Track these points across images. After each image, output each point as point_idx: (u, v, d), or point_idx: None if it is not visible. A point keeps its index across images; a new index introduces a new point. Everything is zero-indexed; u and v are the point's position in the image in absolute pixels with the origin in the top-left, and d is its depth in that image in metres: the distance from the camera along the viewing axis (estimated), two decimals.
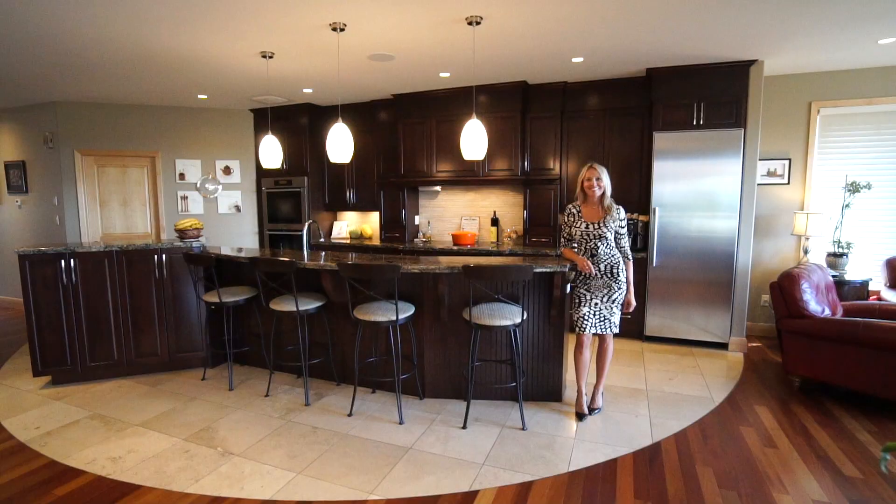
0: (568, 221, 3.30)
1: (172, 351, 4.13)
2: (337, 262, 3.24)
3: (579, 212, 3.26)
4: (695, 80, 4.53)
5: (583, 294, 3.21)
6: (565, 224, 3.33)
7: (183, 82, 5.10)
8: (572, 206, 3.30)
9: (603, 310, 3.18)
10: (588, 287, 3.20)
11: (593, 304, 3.18)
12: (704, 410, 3.38)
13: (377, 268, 3.03)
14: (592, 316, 3.18)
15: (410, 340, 3.53)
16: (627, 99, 5.03)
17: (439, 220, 6.25)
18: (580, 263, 3.15)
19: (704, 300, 4.66)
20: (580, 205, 3.28)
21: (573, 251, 3.30)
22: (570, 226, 3.29)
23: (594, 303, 3.18)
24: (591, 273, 3.13)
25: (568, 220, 3.30)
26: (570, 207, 3.30)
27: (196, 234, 4.23)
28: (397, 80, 5.08)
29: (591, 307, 3.18)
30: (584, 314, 3.18)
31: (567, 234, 3.33)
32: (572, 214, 3.28)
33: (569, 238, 3.34)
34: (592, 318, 3.18)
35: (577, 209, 3.27)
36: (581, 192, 3.26)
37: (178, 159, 6.37)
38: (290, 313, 3.44)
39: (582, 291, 3.22)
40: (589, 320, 3.17)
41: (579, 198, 3.28)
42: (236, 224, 6.71)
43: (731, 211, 4.49)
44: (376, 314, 3.15)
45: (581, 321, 3.18)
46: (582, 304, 3.20)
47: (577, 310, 3.21)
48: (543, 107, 5.28)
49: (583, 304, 3.20)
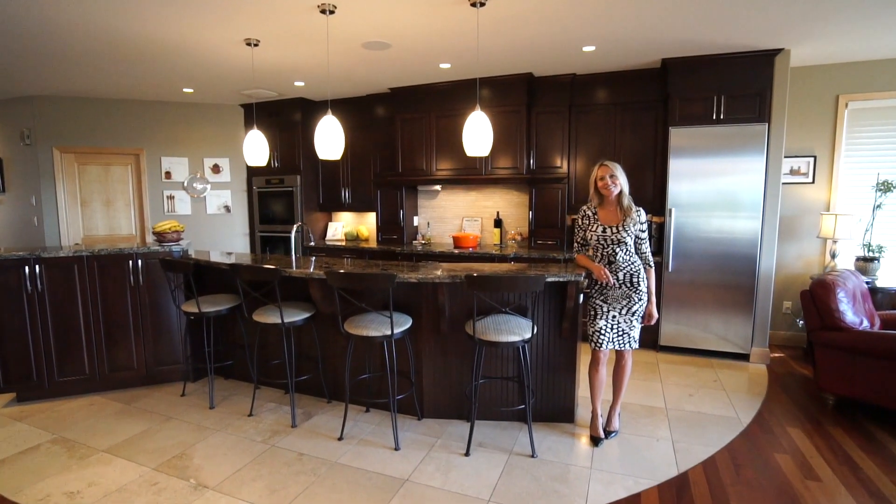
0: (582, 224, 2.98)
1: (150, 364, 3.81)
2: (326, 270, 2.91)
3: (595, 214, 2.94)
4: (715, 70, 4.20)
5: (599, 305, 2.89)
6: (579, 227, 3.01)
7: (166, 74, 4.78)
8: (587, 208, 2.98)
9: (621, 323, 2.86)
10: (605, 298, 2.88)
11: (611, 316, 2.86)
12: (732, 433, 3.05)
13: (370, 277, 2.71)
14: (610, 330, 2.86)
15: (407, 355, 3.20)
16: (640, 92, 4.70)
17: (439, 221, 5.93)
18: (596, 272, 2.83)
19: (724, 307, 4.34)
20: (595, 206, 2.96)
21: (588, 257, 2.98)
22: (584, 229, 2.97)
23: (612, 315, 2.86)
24: (610, 282, 2.81)
25: (582, 222, 2.98)
26: (585, 209, 2.98)
27: (176, 237, 3.91)
28: (394, 71, 4.75)
29: (609, 320, 2.86)
30: (600, 328, 2.86)
31: (581, 238, 3.01)
32: (587, 217, 2.96)
33: (583, 243, 3.02)
34: (610, 333, 2.86)
35: (592, 211, 2.95)
36: (595, 193, 2.94)
37: (164, 157, 6.04)
38: (276, 326, 3.12)
39: (598, 302, 2.90)
40: (606, 335, 2.85)
41: (594, 199, 2.96)
42: (226, 225, 6.39)
43: (753, 211, 4.17)
44: (369, 328, 2.83)
45: (597, 336, 2.86)
46: (598, 316, 2.88)
47: (593, 323, 2.89)
48: (550, 101, 4.96)
49: (599, 317, 2.87)
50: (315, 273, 2.95)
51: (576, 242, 3.06)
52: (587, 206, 2.99)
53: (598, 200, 2.94)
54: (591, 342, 2.91)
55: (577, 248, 3.05)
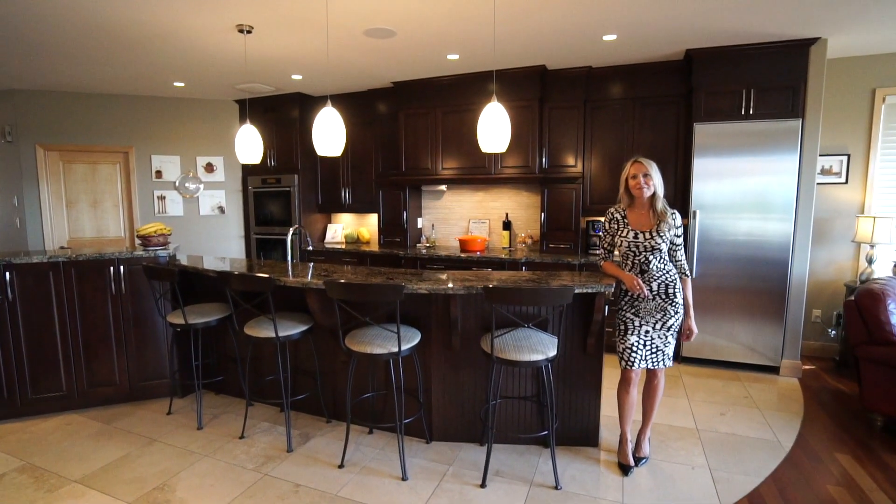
0: (610, 229, 2.68)
1: (134, 380, 3.50)
2: (325, 279, 2.61)
3: (624, 217, 2.64)
4: (743, 62, 3.90)
5: (629, 319, 2.59)
6: (606, 232, 2.71)
7: (155, 66, 4.47)
8: (615, 211, 2.68)
9: (655, 339, 2.56)
10: (636, 311, 2.58)
11: (643, 332, 2.56)
12: (774, 460, 2.76)
13: (374, 288, 2.41)
14: (642, 347, 2.56)
15: (415, 371, 2.90)
16: (661, 86, 4.40)
17: (444, 222, 5.62)
18: (628, 282, 2.53)
19: (752, 316, 4.05)
20: (625, 209, 2.66)
21: (616, 266, 2.68)
22: (612, 234, 2.67)
23: (644, 331, 2.56)
24: (644, 294, 2.51)
25: (610, 227, 2.68)
26: (613, 212, 2.68)
27: (162, 240, 3.60)
28: (398, 64, 4.45)
29: (641, 336, 2.56)
30: (631, 345, 2.56)
31: (608, 243, 2.71)
32: (616, 220, 2.66)
33: (610, 249, 2.72)
34: (642, 350, 2.56)
35: (621, 214, 2.65)
36: (625, 194, 2.64)
37: (155, 155, 5.73)
38: (270, 340, 2.82)
39: (628, 316, 2.60)
40: (638, 352, 2.55)
41: (623, 200, 2.66)
42: (220, 227, 6.08)
43: (784, 213, 3.87)
44: (373, 344, 2.53)
45: (628, 353, 2.56)
46: (629, 331, 2.58)
47: (623, 339, 2.59)
48: (564, 95, 4.66)
49: (630, 332, 2.57)
50: (313, 283, 2.65)
51: (602, 248, 2.76)
52: (615, 208, 2.70)
53: (629, 201, 2.64)
54: (620, 360, 2.61)
55: (604, 255, 2.75)
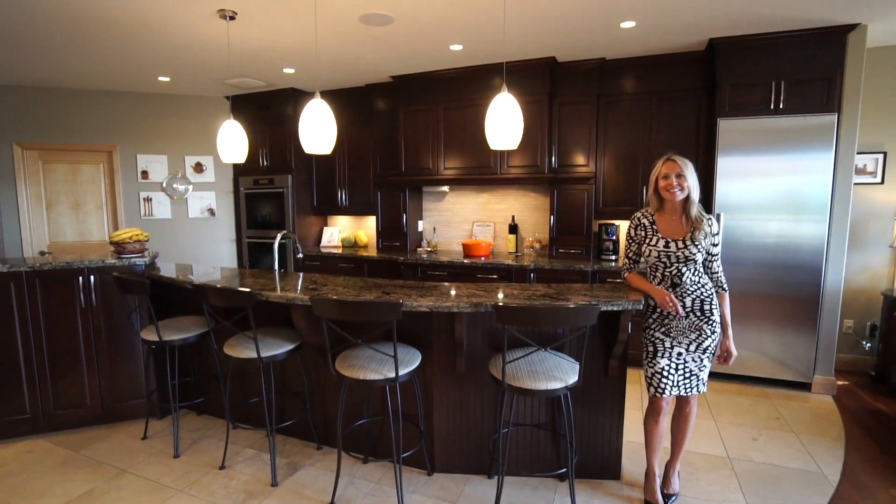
0: (636, 236, 2.36)
1: (107, 400, 3.19)
2: (312, 295, 2.30)
3: (653, 223, 2.32)
4: (773, 52, 3.58)
5: (659, 340, 2.27)
6: (632, 239, 2.39)
7: (137, 59, 4.17)
8: (642, 216, 2.36)
9: (689, 362, 2.24)
10: (667, 330, 2.26)
11: (675, 354, 2.24)
12: (822, 496, 2.44)
13: (367, 307, 2.09)
14: (674, 372, 2.24)
15: (415, 395, 2.59)
16: (680, 79, 4.08)
17: (446, 225, 5.31)
18: (659, 298, 2.21)
19: (781, 327, 3.73)
20: (654, 213, 2.34)
21: (643, 278, 2.36)
22: (639, 242, 2.35)
23: (676, 353, 2.24)
24: (678, 312, 2.19)
25: (637, 233, 2.36)
26: (640, 217, 2.37)
27: (139, 247, 3.29)
28: (397, 55, 4.14)
29: (673, 359, 2.24)
30: (662, 369, 2.24)
31: (634, 253, 2.40)
32: (643, 227, 2.34)
33: (635, 259, 2.40)
34: (674, 375, 2.24)
35: (649, 219, 2.34)
36: (655, 196, 2.32)
37: (141, 154, 5.42)
38: (251, 361, 2.51)
39: (658, 336, 2.28)
40: (669, 377, 2.24)
41: (652, 203, 2.35)
42: (210, 230, 5.77)
43: (818, 215, 3.55)
44: (367, 368, 2.22)
45: (658, 379, 2.24)
46: (658, 353, 2.26)
47: (652, 362, 2.27)
48: (575, 89, 4.34)
49: (660, 355, 2.26)
50: (298, 298, 2.33)
51: (626, 258, 2.44)
52: (642, 212, 2.38)
53: (658, 205, 2.32)
54: (649, 387, 2.29)
55: (629, 265, 2.43)
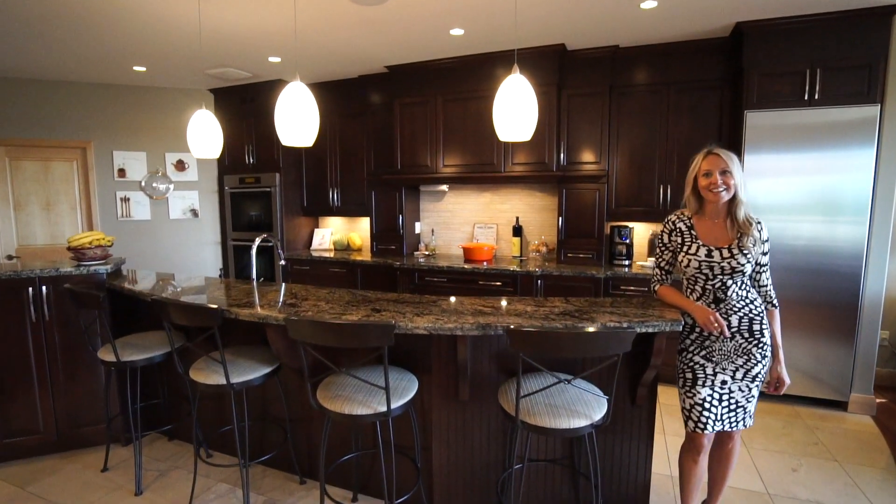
0: (671, 243, 2.02)
1: (63, 426, 2.83)
2: (288, 313, 1.94)
3: (691, 228, 1.97)
4: (807, 36, 3.24)
5: (699, 365, 1.93)
6: (665, 247, 2.05)
7: (108, 45, 3.80)
8: (678, 219, 2.02)
9: (735, 392, 1.90)
10: (709, 353, 1.92)
11: (719, 382, 1.90)
12: None
13: (353, 330, 1.74)
14: (718, 403, 1.90)
15: (411, 424, 2.24)
16: (701, 69, 3.74)
17: (446, 227, 4.96)
18: (701, 317, 1.86)
19: (815, 338, 3.39)
20: (691, 216, 2.00)
21: (679, 292, 2.02)
22: (673, 249, 2.01)
23: (720, 381, 1.90)
24: (725, 334, 1.84)
25: (671, 240, 2.02)
26: (675, 221, 2.03)
27: (100, 253, 2.93)
28: (393, 42, 3.78)
29: (716, 388, 1.90)
30: (703, 400, 1.90)
31: (666, 262, 2.05)
32: (679, 232, 2.00)
33: (668, 269, 2.06)
34: (718, 407, 1.90)
35: (687, 223, 1.99)
36: (693, 196, 1.98)
37: (117, 151, 5.05)
38: (220, 387, 2.15)
39: (697, 360, 1.94)
40: (712, 410, 1.89)
41: (690, 204, 2.00)
42: (193, 232, 5.40)
43: (857, 216, 3.22)
44: (354, 400, 1.86)
45: (699, 412, 1.90)
46: (699, 381, 1.92)
47: (691, 392, 1.93)
48: (586, 80, 4.00)
49: (700, 383, 1.91)
50: (272, 317, 1.97)
51: (657, 268, 2.10)
52: (677, 215, 2.04)
53: (697, 207, 1.98)
54: (687, 420, 1.95)
55: (660, 277, 2.09)
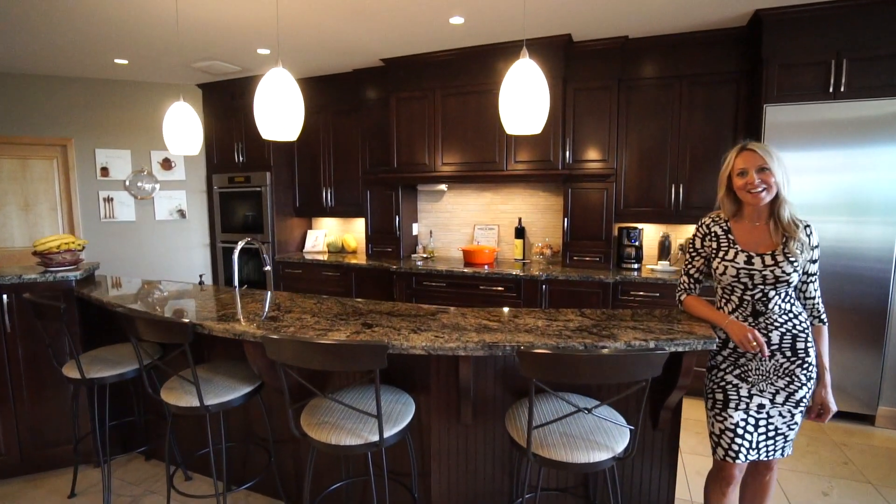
0: (704, 249, 1.80)
1: (27, 447, 2.59)
2: (267, 330, 1.72)
3: (728, 231, 1.75)
4: (832, 24, 3.03)
5: (732, 386, 1.71)
6: (696, 253, 1.83)
7: (85, 35, 3.56)
8: (713, 222, 1.80)
9: (775, 418, 1.67)
10: (744, 373, 1.70)
11: (755, 406, 1.68)
12: None
13: (338, 352, 1.51)
14: (754, 430, 1.67)
15: (407, 449, 2.01)
16: (715, 61, 3.53)
17: (445, 229, 4.73)
18: (737, 334, 1.64)
19: (839, 347, 3.17)
20: (728, 218, 1.77)
21: (709, 305, 1.79)
22: (705, 256, 1.80)
23: (757, 405, 1.68)
24: (765, 354, 1.62)
25: (705, 245, 1.80)
26: (710, 224, 1.80)
27: (70, 258, 2.70)
28: (388, 32, 3.56)
29: (751, 412, 1.68)
30: (735, 425, 1.67)
31: (697, 270, 1.83)
32: (714, 237, 1.77)
33: (697, 278, 1.84)
34: (753, 434, 1.67)
35: (723, 227, 1.77)
36: (728, 197, 1.75)
37: (100, 149, 4.82)
38: (194, 410, 1.92)
39: (730, 380, 1.72)
40: (746, 437, 1.67)
41: (725, 206, 1.78)
42: (181, 234, 5.17)
43: (887, 216, 3.01)
44: (342, 428, 1.63)
45: (730, 439, 1.68)
46: (731, 404, 1.69)
47: (722, 415, 1.71)
48: (593, 73, 3.77)
49: (733, 406, 1.69)
50: (249, 333, 1.74)
51: (685, 275, 1.88)
52: (712, 217, 1.81)
53: (733, 209, 1.76)
54: (716, 448, 1.72)
55: (688, 286, 1.87)
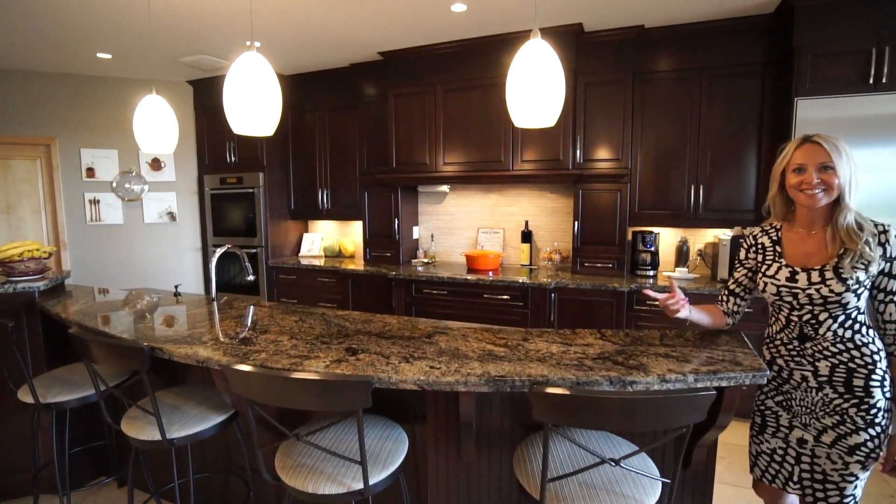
0: (747, 260, 1.57)
1: None
2: (233, 357, 1.47)
3: (776, 242, 1.50)
4: (872, 8, 2.75)
5: (771, 412, 1.49)
6: (739, 263, 1.61)
7: (61, 27, 3.34)
8: (762, 232, 1.56)
9: (821, 459, 1.42)
10: (786, 400, 1.46)
11: (795, 440, 1.44)
12: None
13: (311, 389, 1.25)
14: (794, 462, 1.45)
15: (401, 490, 1.76)
16: (739, 52, 3.26)
17: (446, 232, 4.48)
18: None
19: None
20: (780, 225, 1.52)
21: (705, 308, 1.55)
22: (748, 267, 1.58)
23: (797, 438, 1.43)
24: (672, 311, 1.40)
25: (748, 256, 1.57)
26: (758, 233, 1.57)
27: (35, 266, 2.46)
28: (386, 22, 3.31)
29: (791, 444, 1.45)
30: (771, 451, 1.48)
31: (736, 283, 1.61)
32: (760, 248, 1.54)
33: (736, 291, 1.61)
34: (795, 467, 1.46)
35: (773, 237, 1.52)
36: (779, 197, 1.50)
37: (86, 149, 4.59)
38: (156, 444, 1.68)
39: (770, 405, 1.49)
40: (786, 467, 1.47)
41: (776, 208, 1.53)
42: (171, 238, 4.94)
43: None
44: (321, 473, 1.38)
45: (765, 462, 1.50)
46: (768, 430, 1.50)
47: (759, 438, 1.53)
48: (606, 66, 3.51)
49: (770, 432, 1.48)
50: (213, 360, 1.49)
51: (725, 287, 1.62)
52: (762, 227, 1.58)
53: (785, 212, 1.50)
54: (752, 466, 1.58)
55: (724, 298, 1.64)
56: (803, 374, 1.44)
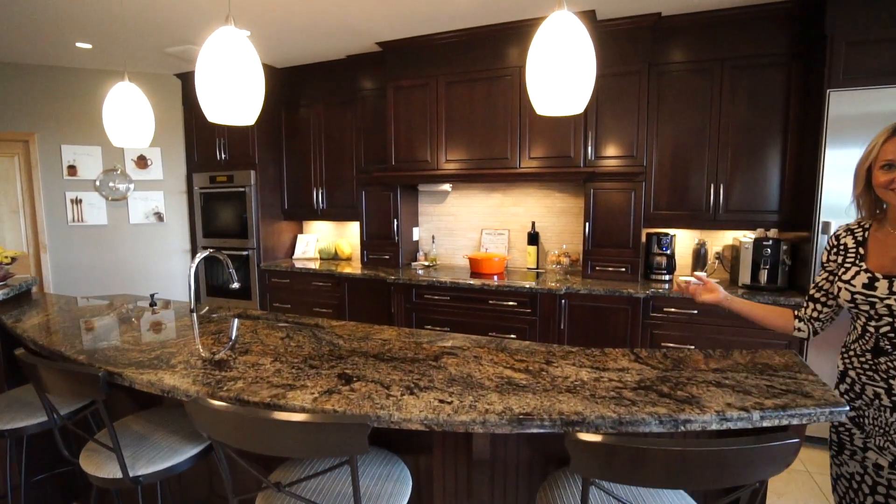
0: (829, 263, 1.39)
1: None
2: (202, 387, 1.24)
3: (861, 244, 1.29)
4: None
5: (845, 430, 1.33)
6: (822, 267, 1.41)
7: (35, 13, 3.09)
8: (846, 232, 1.36)
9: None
10: (859, 417, 1.29)
11: (872, 464, 1.24)
12: None
13: (296, 432, 1.02)
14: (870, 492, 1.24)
15: None
16: (763, 40, 3.04)
17: (448, 234, 4.25)
18: None
19: None
20: (869, 224, 1.31)
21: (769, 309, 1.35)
22: (830, 270, 1.38)
23: (874, 463, 1.24)
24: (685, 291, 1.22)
25: (830, 259, 1.38)
26: (842, 233, 1.37)
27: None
28: (384, 9, 3.08)
29: (868, 469, 1.24)
30: (851, 475, 1.27)
31: (817, 288, 1.42)
32: (842, 249, 1.34)
33: (814, 296, 1.41)
34: (870, 497, 1.23)
35: (857, 237, 1.33)
36: (866, 194, 1.29)
37: (66, 145, 4.35)
38: (118, 483, 1.44)
39: (843, 422, 1.28)
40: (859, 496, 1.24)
41: (863, 208, 1.32)
42: (158, 239, 4.70)
43: None
44: None
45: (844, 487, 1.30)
46: (845, 452, 1.29)
47: (839, 459, 1.35)
48: (619, 56, 3.29)
49: (847, 454, 1.28)
50: (180, 390, 1.26)
51: (811, 288, 1.42)
52: (848, 225, 1.36)
53: (873, 211, 1.30)
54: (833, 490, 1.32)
55: (803, 304, 1.44)
56: (876, 391, 1.23)
